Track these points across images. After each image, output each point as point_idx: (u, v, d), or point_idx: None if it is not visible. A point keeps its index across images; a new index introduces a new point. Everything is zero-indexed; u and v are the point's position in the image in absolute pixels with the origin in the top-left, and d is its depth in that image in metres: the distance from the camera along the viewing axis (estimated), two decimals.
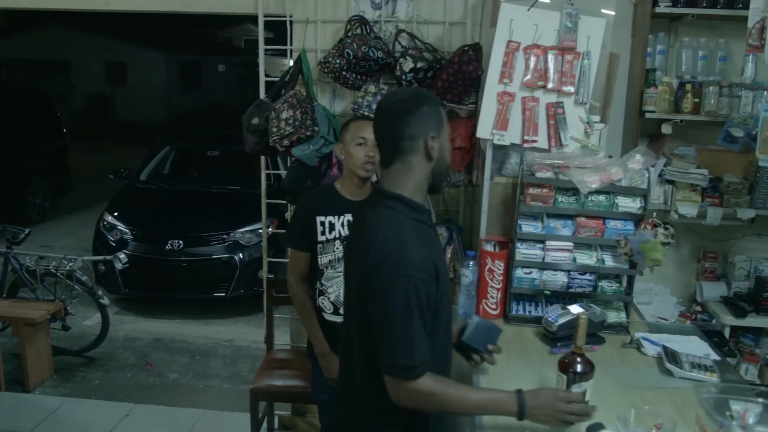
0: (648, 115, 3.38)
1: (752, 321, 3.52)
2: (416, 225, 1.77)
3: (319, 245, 2.73)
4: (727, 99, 3.32)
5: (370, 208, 1.83)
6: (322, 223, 2.71)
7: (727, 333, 3.54)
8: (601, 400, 1.99)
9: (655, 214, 2.76)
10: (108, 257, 5.32)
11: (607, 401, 2.01)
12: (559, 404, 1.76)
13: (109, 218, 6.18)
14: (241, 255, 5.86)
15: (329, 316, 2.79)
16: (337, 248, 2.73)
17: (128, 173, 7.12)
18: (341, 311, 2.60)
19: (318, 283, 2.78)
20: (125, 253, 5.45)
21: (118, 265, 5.20)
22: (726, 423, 1.54)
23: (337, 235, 2.72)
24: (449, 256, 3.32)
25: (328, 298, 2.78)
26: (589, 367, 1.93)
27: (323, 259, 2.75)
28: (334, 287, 2.76)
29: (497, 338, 2.07)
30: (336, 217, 2.72)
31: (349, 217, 2.71)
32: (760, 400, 1.73)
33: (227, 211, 6.28)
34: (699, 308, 3.68)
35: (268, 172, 3.90)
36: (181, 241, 5.82)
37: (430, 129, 1.77)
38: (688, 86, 3.35)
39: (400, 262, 1.67)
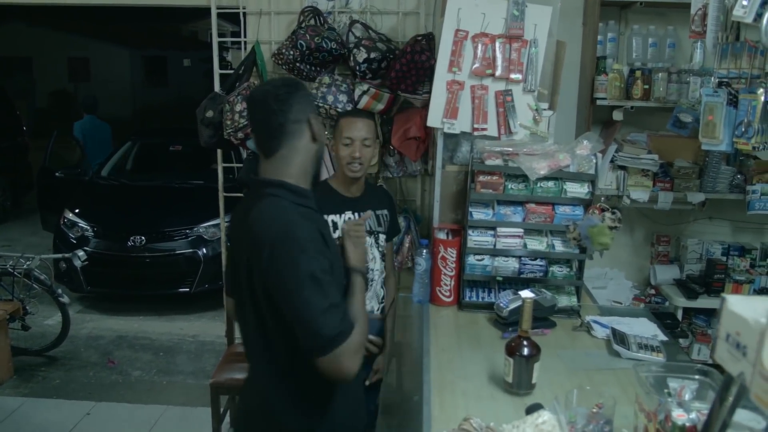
0: (599, 102, 3.43)
1: (704, 302, 3.60)
2: (301, 209, 1.78)
3: None
4: (676, 85, 3.38)
5: (253, 200, 1.80)
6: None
7: (680, 315, 3.61)
8: (550, 383, 2.04)
9: (603, 198, 2.81)
10: (67, 255, 5.24)
11: (555, 383, 2.05)
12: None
13: (70, 215, 6.09)
14: (204, 250, 5.81)
15: None
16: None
17: (81, 170, 7.03)
18: None
19: None
20: (85, 251, 5.37)
21: (77, 263, 5.13)
22: (663, 400, 1.57)
23: (341, 234, 2.69)
24: (407, 245, 3.35)
25: None
26: (536, 350, 1.96)
27: None
28: None
29: (380, 330, 2.07)
30: (338, 216, 2.65)
31: (350, 214, 2.65)
32: (697, 377, 1.77)
33: (190, 206, 6.22)
34: (653, 291, 3.75)
35: (225, 165, 3.88)
36: (143, 237, 5.75)
37: (309, 110, 1.82)
38: (638, 73, 3.40)
39: (291, 237, 1.67)
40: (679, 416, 1.48)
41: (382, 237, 2.80)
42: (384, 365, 2.85)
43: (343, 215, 2.65)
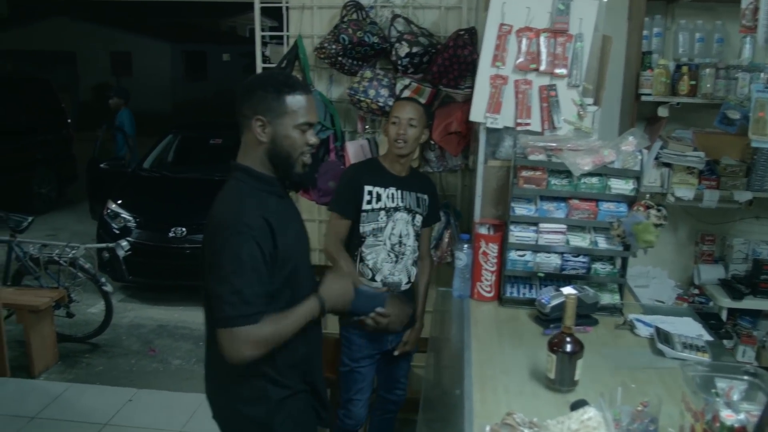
0: (644, 98, 3.38)
1: (749, 303, 3.52)
2: (258, 193, 1.88)
3: (363, 213, 2.86)
4: (724, 81, 3.31)
5: (226, 180, 1.95)
6: (370, 192, 2.86)
7: (724, 315, 3.54)
8: (592, 380, 2.02)
9: (648, 196, 2.77)
10: (111, 245, 5.35)
11: (598, 381, 2.03)
12: (349, 290, 2.03)
13: (113, 206, 6.22)
14: None
15: (367, 282, 2.86)
16: (381, 218, 2.87)
17: (125, 161, 7.16)
18: (377, 277, 2.85)
19: (357, 250, 2.91)
20: (128, 241, 5.47)
21: (121, 253, 5.23)
22: (711, 400, 1.55)
23: (383, 206, 2.87)
24: (446, 240, 3.34)
25: (367, 265, 2.90)
26: (578, 347, 1.95)
27: (365, 228, 2.88)
28: (373, 254, 2.89)
29: (383, 303, 2.09)
30: (382, 189, 2.88)
31: (393, 190, 2.88)
32: (746, 377, 1.74)
33: None
34: (696, 291, 3.69)
35: None
36: (184, 229, 5.84)
37: (259, 111, 1.86)
38: (685, 68, 3.34)
39: (232, 220, 1.79)
40: (728, 416, 1.47)
41: (418, 218, 2.96)
42: (413, 340, 3.06)
43: (387, 189, 2.88)
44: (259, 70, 3.66)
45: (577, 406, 1.62)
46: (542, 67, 2.72)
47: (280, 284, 1.87)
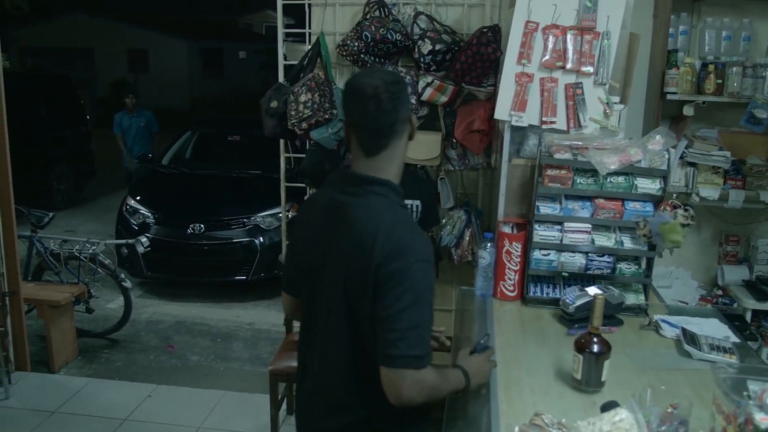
0: (669, 97, 3.35)
1: None
2: (405, 211, 1.76)
3: None
4: (751, 80, 3.28)
5: (347, 195, 1.72)
6: None
7: (748, 317, 3.51)
8: (618, 381, 1.99)
9: (675, 195, 2.73)
10: (130, 241, 5.38)
11: (624, 382, 2.00)
12: (487, 364, 1.92)
13: (132, 202, 6.26)
14: (261, 239, 5.91)
15: None
16: None
17: (153, 158, 7.22)
18: None
19: None
20: (147, 237, 5.51)
21: (140, 249, 5.25)
22: (743, 403, 1.52)
23: None
24: (467, 239, 3.33)
25: None
26: (606, 348, 1.92)
27: None
28: None
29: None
30: None
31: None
32: None
33: (248, 196, 6.34)
34: (720, 292, 3.65)
35: (287, 155, 3.91)
36: (202, 225, 5.87)
37: (410, 108, 1.79)
38: (711, 67, 3.31)
39: (411, 246, 1.62)
40: (762, 420, 1.44)
41: None
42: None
43: None
44: (280, 67, 3.66)
45: (607, 407, 1.60)
46: (568, 65, 2.69)
47: None
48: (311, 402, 1.90)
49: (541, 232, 2.60)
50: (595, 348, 1.91)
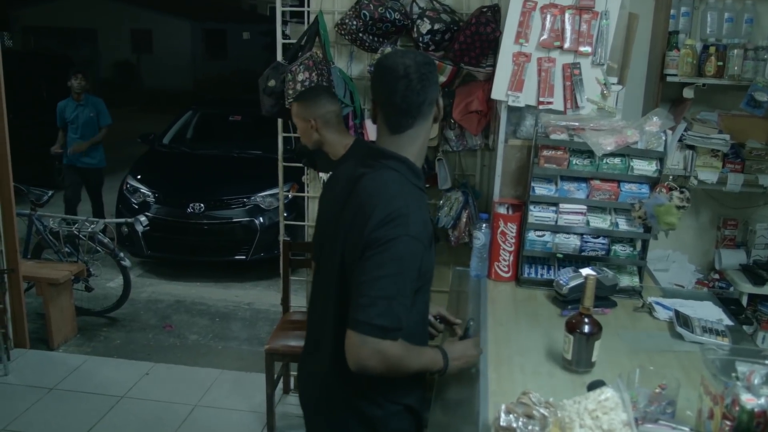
0: (669, 79, 3.32)
1: None
2: (419, 193, 1.74)
3: None
4: (752, 62, 3.24)
5: (365, 167, 1.74)
6: None
7: (744, 301, 3.50)
8: (609, 362, 2.00)
9: (671, 177, 2.72)
10: (129, 220, 5.38)
11: (615, 363, 2.01)
12: (472, 350, 1.90)
13: (132, 181, 6.26)
14: (261, 219, 5.91)
15: None
16: None
17: (155, 137, 7.20)
18: None
19: None
20: (147, 216, 5.50)
21: (140, 228, 5.26)
22: (731, 384, 1.52)
23: None
24: (464, 220, 3.32)
25: None
26: (596, 328, 1.92)
27: None
28: None
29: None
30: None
31: None
32: (767, 362, 1.71)
33: (248, 175, 6.33)
34: (717, 276, 3.65)
35: (286, 135, 3.89)
36: (202, 204, 5.87)
37: (438, 89, 1.76)
38: (712, 49, 3.27)
39: (405, 219, 1.61)
40: (748, 400, 1.44)
41: None
42: None
43: None
44: (279, 46, 3.63)
45: (594, 386, 1.60)
46: (566, 45, 2.67)
47: (422, 294, 1.75)
48: (311, 375, 1.96)
49: (536, 213, 2.60)
50: (586, 328, 1.91)
